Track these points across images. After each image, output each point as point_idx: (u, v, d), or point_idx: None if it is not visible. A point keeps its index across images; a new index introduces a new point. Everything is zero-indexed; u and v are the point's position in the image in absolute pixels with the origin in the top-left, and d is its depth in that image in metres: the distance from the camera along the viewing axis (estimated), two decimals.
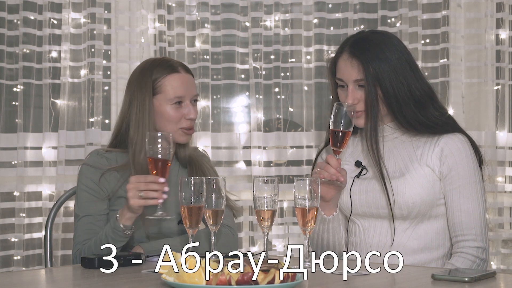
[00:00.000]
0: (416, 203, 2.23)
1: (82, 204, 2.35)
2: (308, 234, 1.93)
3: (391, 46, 2.29)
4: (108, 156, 2.40)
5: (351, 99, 2.26)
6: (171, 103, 2.36)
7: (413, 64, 2.31)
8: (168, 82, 2.37)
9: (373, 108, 2.25)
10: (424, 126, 2.27)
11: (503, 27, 3.48)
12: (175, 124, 2.36)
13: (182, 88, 2.37)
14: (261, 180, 1.93)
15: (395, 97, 2.25)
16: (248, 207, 3.51)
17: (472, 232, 2.23)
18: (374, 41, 2.30)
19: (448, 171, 2.25)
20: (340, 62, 2.31)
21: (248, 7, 3.51)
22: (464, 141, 2.28)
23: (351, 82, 2.27)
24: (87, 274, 1.88)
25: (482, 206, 2.25)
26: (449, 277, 1.71)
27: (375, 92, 2.24)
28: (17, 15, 3.42)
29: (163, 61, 2.42)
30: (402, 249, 2.26)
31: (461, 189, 2.24)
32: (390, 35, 2.36)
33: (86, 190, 2.35)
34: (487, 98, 3.48)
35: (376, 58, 2.25)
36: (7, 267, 3.41)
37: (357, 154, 2.39)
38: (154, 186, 2.11)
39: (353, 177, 2.33)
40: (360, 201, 2.30)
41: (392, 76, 2.25)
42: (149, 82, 2.37)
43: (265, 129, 3.54)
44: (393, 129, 2.33)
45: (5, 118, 3.43)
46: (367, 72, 2.24)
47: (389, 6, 3.53)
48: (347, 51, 2.30)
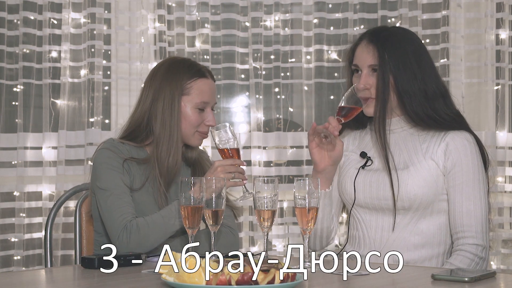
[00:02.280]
0: (418, 196, 2.23)
1: (112, 180, 2.27)
2: (308, 234, 1.93)
3: (410, 40, 2.33)
4: (124, 147, 2.38)
5: (363, 83, 2.28)
6: (196, 107, 2.37)
7: (430, 61, 2.34)
8: (197, 85, 2.37)
9: (384, 95, 2.26)
10: (433, 120, 2.28)
11: (503, 27, 3.48)
12: (194, 128, 2.37)
13: (209, 94, 2.38)
14: (261, 180, 1.93)
15: (406, 88, 2.26)
16: (248, 207, 3.51)
17: (472, 229, 2.23)
18: (394, 32, 2.36)
19: (452, 166, 2.26)
20: (358, 49, 2.35)
21: (248, 7, 3.51)
22: (471, 139, 2.29)
23: (365, 67, 2.30)
24: (87, 274, 1.88)
25: (484, 205, 2.26)
26: (449, 277, 1.71)
27: (387, 79, 2.26)
28: (17, 15, 3.42)
29: (193, 64, 2.41)
30: (403, 244, 2.26)
31: (463, 186, 2.25)
32: (410, 31, 2.43)
33: (112, 168, 2.29)
34: (487, 98, 3.48)
35: (393, 46, 2.29)
36: (7, 267, 3.41)
37: (363, 146, 2.40)
38: (240, 168, 2.22)
39: (358, 168, 2.33)
40: (363, 192, 2.31)
41: (407, 67, 2.27)
42: (179, 82, 2.36)
43: (265, 129, 3.54)
44: (401, 123, 2.34)
45: (5, 118, 3.43)
46: (382, 59, 2.27)
47: (389, 6, 3.53)
48: (366, 38, 2.34)
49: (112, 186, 2.27)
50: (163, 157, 2.32)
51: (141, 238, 2.18)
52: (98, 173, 2.30)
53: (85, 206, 2.53)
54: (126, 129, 2.42)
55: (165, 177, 2.32)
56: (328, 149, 2.28)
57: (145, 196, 2.32)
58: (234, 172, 2.20)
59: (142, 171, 2.34)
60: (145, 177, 2.33)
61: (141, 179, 2.33)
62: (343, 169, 2.40)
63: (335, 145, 2.27)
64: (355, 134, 2.45)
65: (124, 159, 2.31)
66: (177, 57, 2.50)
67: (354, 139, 2.44)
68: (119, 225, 2.21)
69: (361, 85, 2.28)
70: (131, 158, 2.33)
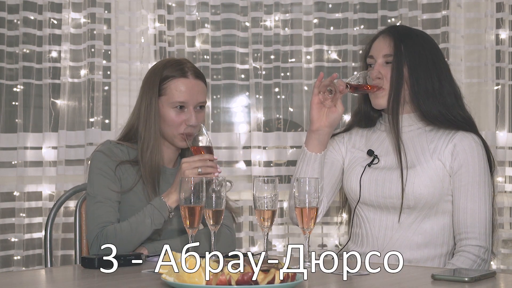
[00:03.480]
0: (423, 195, 2.23)
1: (99, 187, 2.32)
2: (308, 234, 1.93)
3: (427, 40, 2.35)
4: (121, 148, 2.39)
5: (376, 72, 2.28)
6: (172, 107, 2.36)
7: (444, 62, 2.36)
8: (174, 85, 2.36)
9: (398, 87, 2.26)
10: (444, 117, 2.28)
11: (503, 27, 3.48)
12: (175, 129, 2.36)
13: (186, 94, 2.36)
14: (261, 180, 1.93)
15: (422, 85, 2.27)
16: (248, 207, 3.51)
17: (475, 231, 2.23)
18: (413, 30, 2.38)
19: (458, 167, 2.26)
20: (375, 42, 2.36)
21: (248, 7, 3.51)
22: (478, 142, 2.29)
23: (380, 57, 2.30)
24: (87, 274, 1.88)
25: (488, 207, 2.25)
26: (449, 277, 1.71)
27: (401, 71, 2.26)
28: (17, 15, 3.42)
29: (176, 63, 2.41)
30: (406, 243, 2.26)
31: (468, 187, 2.25)
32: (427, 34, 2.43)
33: (103, 174, 2.32)
34: (487, 98, 3.48)
35: (411, 42, 2.30)
36: (7, 267, 3.40)
37: (370, 144, 2.40)
38: (209, 162, 2.22)
39: (365, 165, 2.33)
40: (369, 189, 2.31)
41: (422, 63, 2.27)
42: (156, 82, 2.38)
43: (265, 129, 3.54)
44: (410, 120, 2.33)
45: (5, 118, 3.43)
46: (397, 49, 2.27)
47: (389, 6, 3.53)
48: (385, 32, 2.36)
49: (98, 193, 2.31)
50: (145, 158, 2.34)
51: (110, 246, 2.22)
52: (90, 177, 2.36)
53: (85, 206, 2.53)
54: (123, 130, 2.47)
55: (149, 177, 2.33)
56: (329, 108, 2.26)
57: (137, 196, 2.33)
58: (201, 167, 2.21)
59: (136, 172, 2.36)
60: (138, 177, 2.35)
61: (135, 180, 2.34)
62: (349, 166, 2.40)
63: (335, 105, 2.26)
64: (362, 132, 2.44)
65: (117, 164, 2.33)
66: (167, 58, 2.53)
67: (361, 137, 2.44)
68: (92, 234, 2.27)
69: (374, 73, 2.27)
70: (125, 161, 2.36)
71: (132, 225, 2.23)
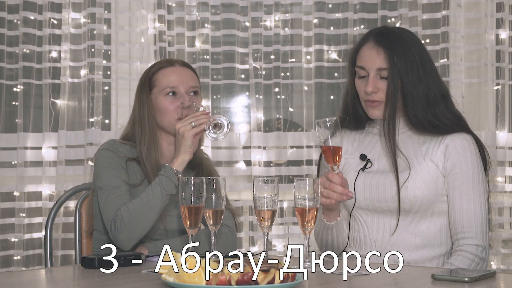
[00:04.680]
0: (418, 197, 2.23)
1: (108, 178, 2.32)
2: (308, 234, 1.92)
3: (414, 42, 2.31)
4: (125, 147, 2.41)
5: (371, 87, 2.26)
6: (164, 94, 2.39)
7: (431, 62, 2.33)
8: (162, 75, 2.41)
9: (394, 100, 2.25)
10: (432, 125, 2.28)
11: (503, 27, 3.48)
12: (171, 115, 2.38)
13: (175, 79, 2.40)
14: (261, 180, 1.93)
15: (411, 91, 2.26)
16: (248, 207, 3.51)
17: (472, 230, 2.23)
18: (401, 34, 2.32)
19: (451, 167, 2.25)
20: (364, 50, 2.31)
21: (248, 7, 3.51)
22: (470, 140, 2.29)
23: (374, 70, 2.27)
24: (87, 274, 1.88)
25: (483, 205, 2.26)
26: (449, 277, 1.71)
27: (397, 83, 2.25)
28: (17, 15, 3.42)
29: (163, 59, 2.47)
30: (404, 245, 2.26)
31: (463, 187, 2.25)
32: (411, 32, 2.40)
33: (111, 167, 2.33)
34: (487, 98, 3.48)
35: (402, 50, 2.26)
36: (7, 267, 3.41)
37: (363, 148, 2.39)
38: (202, 115, 2.28)
39: (358, 170, 2.33)
40: (364, 194, 2.30)
41: (414, 70, 2.26)
42: (146, 80, 2.43)
43: (265, 129, 3.54)
44: (401, 124, 2.33)
45: (5, 118, 3.43)
46: (392, 63, 2.25)
47: (389, 6, 3.53)
48: (373, 40, 2.30)
49: (108, 183, 2.32)
50: (144, 154, 2.37)
51: (128, 225, 2.22)
52: (97, 172, 2.36)
53: (85, 206, 2.53)
54: (125, 130, 2.49)
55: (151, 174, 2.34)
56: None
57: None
58: (194, 121, 2.28)
59: (142, 170, 2.38)
60: (144, 175, 2.37)
61: (142, 177, 2.36)
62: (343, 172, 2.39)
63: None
64: (354, 136, 2.43)
65: (125, 159, 2.37)
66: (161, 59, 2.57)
67: (353, 141, 2.42)
68: (109, 220, 2.27)
69: (370, 89, 2.26)
70: (131, 158, 2.38)
71: (144, 199, 2.24)
